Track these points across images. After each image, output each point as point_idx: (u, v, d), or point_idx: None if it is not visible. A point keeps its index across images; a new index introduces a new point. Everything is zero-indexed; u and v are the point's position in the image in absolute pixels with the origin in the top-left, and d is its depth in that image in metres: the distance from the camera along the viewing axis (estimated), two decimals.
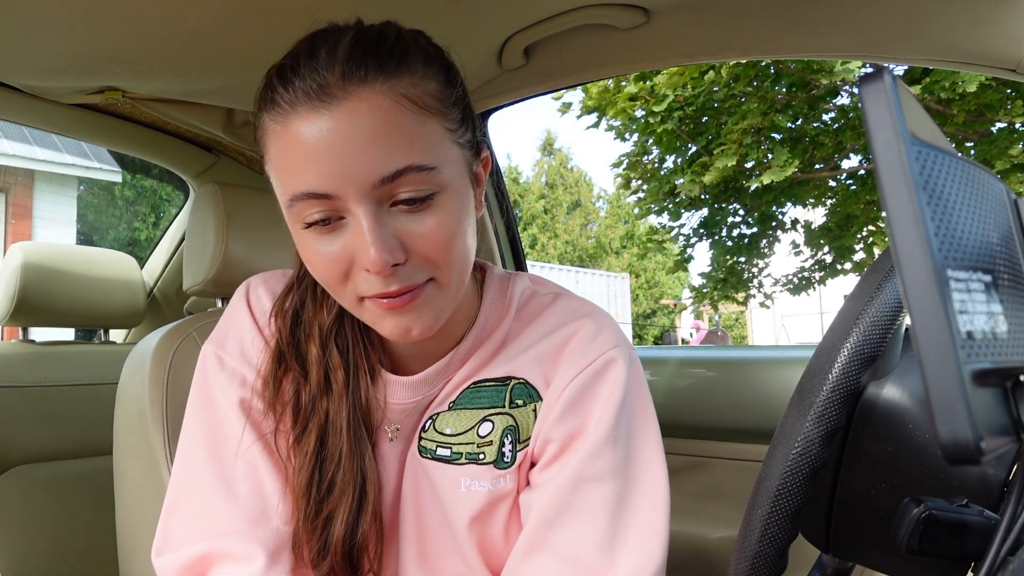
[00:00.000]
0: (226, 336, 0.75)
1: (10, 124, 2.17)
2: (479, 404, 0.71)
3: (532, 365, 0.72)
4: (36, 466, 1.43)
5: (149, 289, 1.80)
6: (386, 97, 0.58)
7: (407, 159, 0.58)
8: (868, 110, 0.29)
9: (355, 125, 0.57)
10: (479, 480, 0.69)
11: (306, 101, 0.57)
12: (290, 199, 0.60)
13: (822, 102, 6.53)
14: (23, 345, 1.50)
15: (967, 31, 0.90)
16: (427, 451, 0.72)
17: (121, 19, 0.92)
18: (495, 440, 0.70)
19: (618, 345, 0.70)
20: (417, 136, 0.59)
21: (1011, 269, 0.35)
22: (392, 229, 0.59)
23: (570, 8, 0.99)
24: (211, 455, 0.69)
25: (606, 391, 0.68)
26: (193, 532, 0.68)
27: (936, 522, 0.44)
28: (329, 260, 0.61)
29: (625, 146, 7.56)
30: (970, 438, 0.26)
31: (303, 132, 0.58)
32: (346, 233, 0.60)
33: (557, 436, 0.68)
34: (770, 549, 0.52)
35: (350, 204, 0.58)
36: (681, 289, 20.06)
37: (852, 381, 0.50)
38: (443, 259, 0.62)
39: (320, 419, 0.69)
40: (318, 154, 0.57)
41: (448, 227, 0.61)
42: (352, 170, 0.57)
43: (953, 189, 0.31)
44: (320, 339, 0.72)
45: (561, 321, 0.73)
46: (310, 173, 0.58)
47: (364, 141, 0.57)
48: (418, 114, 0.60)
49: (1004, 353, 0.31)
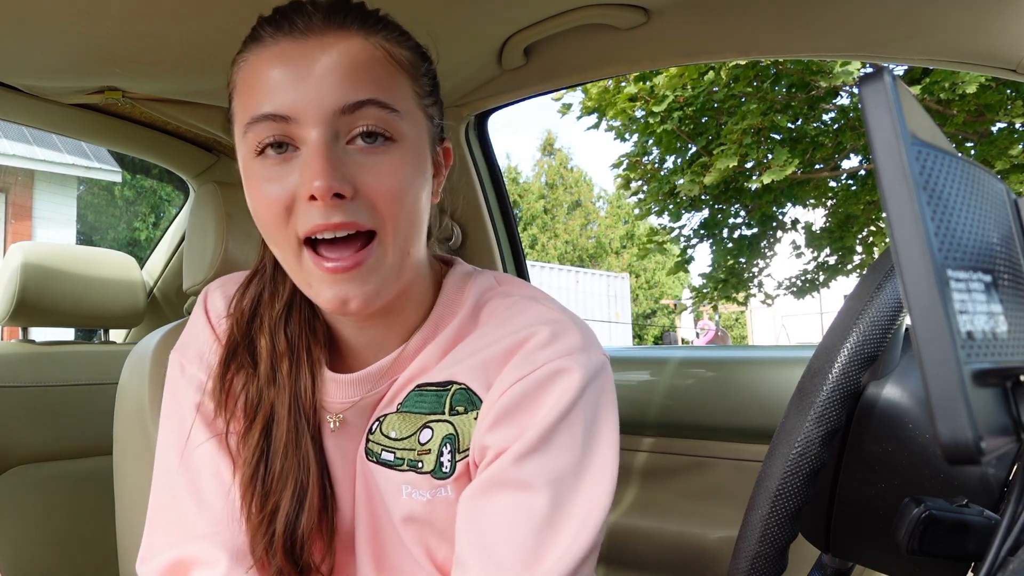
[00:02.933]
0: (186, 342, 0.76)
1: (10, 124, 2.16)
2: (421, 409, 0.68)
3: (475, 371, 0.67)
4: (36, 466, 1.43)
5: (149, 289, 1.80)
6: (363, 42, 0.61)
7: (371, 93, 0.60)
8: (868, 110, 0.29)
9: (326, 55, 0.59)
10: (419, 489, 0.67)
11: (287, 36, 0.60)
12: (247, 123, 0.60)
13: (822, 102, 6.53)
14: (23, 345, 1.50)
15: (967, 31, 0.90)
16: (373, 454, 0.69)
17: (121, 19, 0.92)
18: (433, 449, 0.67)
19: (571, 354, 0.63)
20: (384, 79, 0.61)
21: (1011, 269, 0.35)
22: (344, 163, 0.59)
23: (570, 8, 0.99)
24: (181, 460, 0.70)
25: (549, 400, 0.62)
26: (169, 538, 0.68)
27: (936, 522, 0.44)
28: (275, 189, 0.60)
29: (625, 146, 7.57)
30: (970, 438, 0.26)
31: (275, 60, 0.60)
32: (296, 166, 0.60)
33: (492, 443, 0.63)
34: (770, 549, 0.52)
35: (307, 130, 0.59)
36: (681, 289, 20.06)
37: (852, 381, 0.50)
38: (389, 210, 0.60)
39: (266, 410, 0.69)
40: (284, 78, 0.59)
41: (400, 177, 0.61)
42: (315, 93, 0.58)
43: (953, 189, 0.31)
44: (269, 329, 0.71)
45: (517, 327, 0.67)
46: (274, 95, 0.59)
47: (332, 69, 0.59)
48: (390, 64, 0.62)
49: (1004, 353, 0.31)
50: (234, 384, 0.70)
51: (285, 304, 0.72)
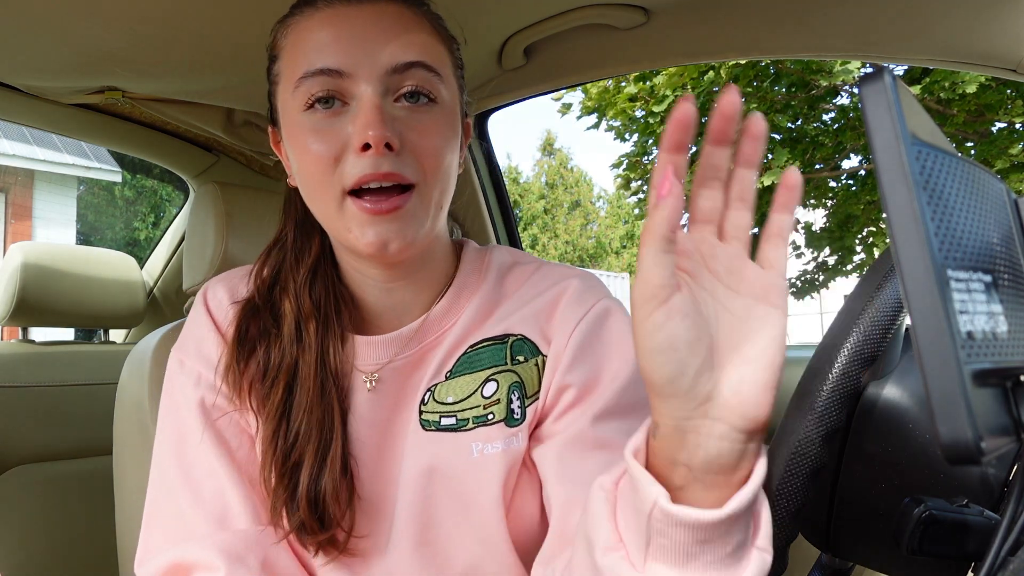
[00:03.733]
0: (186, 339, 0.75)
1: (10, 124, 2.17)
2: (480, 366, 0.70)
3: (527, 322, 0.72)
4: (36, 466, 1.43)
5: (149, 289, 1.80)
6: (410, 10, 0.66)
7: (420, 55, 0.64)
8: (868, 110, 0.29)
9: (380, 19, 0.64)
10: (491, 442, 0.68)
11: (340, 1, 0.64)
12: (300, 77, 0.63)
13: (822, 102, 6.53)
14: (23, 345, 1.50)
15: (967, 31, 0.90)
16: (431, 423, 0.70)
17: (121, 19, 0.92)
18: (502, 398, 0.69)
19: (610, 297, 0.73)
20: (430, 44, 0.67)
21: (1011, 269, 0.35)
22: (392, 114, 0.63)
23: (570, 8, 0.99)
24: (178, 459, 0.70)
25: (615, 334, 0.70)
26: (166, 538, 0.68)
27: (936, 522, 0.44)
28: (324, 140, 0.63)
29: (625, 146, 7.56)
30: (970, 438, 0.26)
31: (329, 22, 0.64)
32: (345, 119, 0.63)
33: (575, 381, 0.68)
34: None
35: (360, 86, 0.63)
36: None
37: (852, 381, 0.50)
38: (430, 164, 0.64)
39: (288, 367, 0.69)
40: (339, 37, 0.63)
41: (440, 135, 0.65)
42: (369, 51, 0.63)
43: (953, 189, 0.31)
44: (294, 291, 0.72)
45: (548, 284, 0.74)
46: (328, 51, 0.63)
47: (386, 31, 0.64)
48: (434, 34, 0.68)
49: (1004, 353, 0.31)
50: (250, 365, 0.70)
51: (310, 268, 0.73)
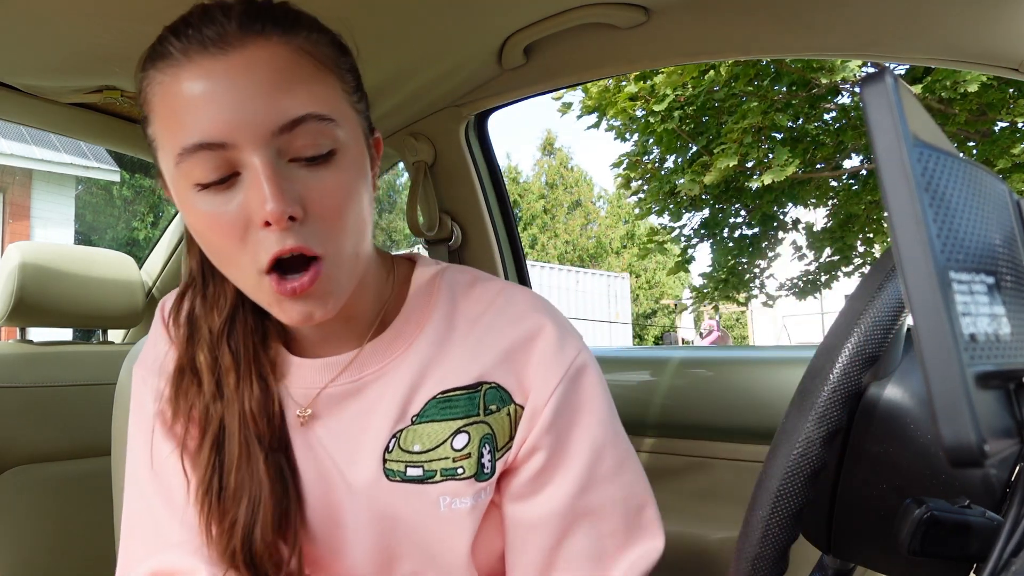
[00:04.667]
0: (146, 355, 0.74)
1: (8, 123, 2.16)
2: (451, 415, 0.67)
3: (501, 368, 0.67)
4: (35, 466, 1.42)
5: (148, 289, 1.79)
6: (284, 48, 0.57)
7: (306, 107, 0.57)
8: (870, 111, 0.29)
9: (253, 72, 0.55)
10: (460, 497, 0.65)
11: (201, 50, 0.55)
12: (179, 153, 0.56)
13: (823, 101, 6.53)
14: (21, 345, 1.50)
15: (969, 30, 0.90)
16: (395, 473, 0.66)
17: (120, 18, 0.91)
18: (473, 452, 0.66)
19: (584, 348, 0.70)
20: (316, 87, 0.58)
21: (1014, 271, 0.35)
22: (290, 182, 0.56)
23: (570, 7, 0.99)
24: (149, 470, 0.69)
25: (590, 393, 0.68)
26: (146, 547, 0.68)
27: (938, 523, 0.44)
28: (226, 222, 0.57)
29: (625, 146, 7.56)
30: (973, 441, 0.26)
31: (197, 81, 0.55)
32: (241, 190, 0.56)
33: (547, 445, 0.66)
34: (771, 550, 0.52)
35: (246, 155, 0.55)
36: (681, 289, 20.06)
37: (853, 381, 0.50)
38: (340, 223, 0.59)
39: (215, 427, 0.66)
40: (213, 101, 0.55)
41: (346, 188, 0.59)
42: (250, 116, 0.55)
43: (955, 190, 0.31)
44: (209, 343, 0.68)
45: (517, 317, 0.69)
46: (203, 121, 0.55)
47: (262, 87, 0.55)
48: (316, 67, 0.59)
49: (1007, 355, 0.31)
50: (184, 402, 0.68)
51: (227, 316, 0.68)
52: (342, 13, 0.96)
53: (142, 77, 0.60)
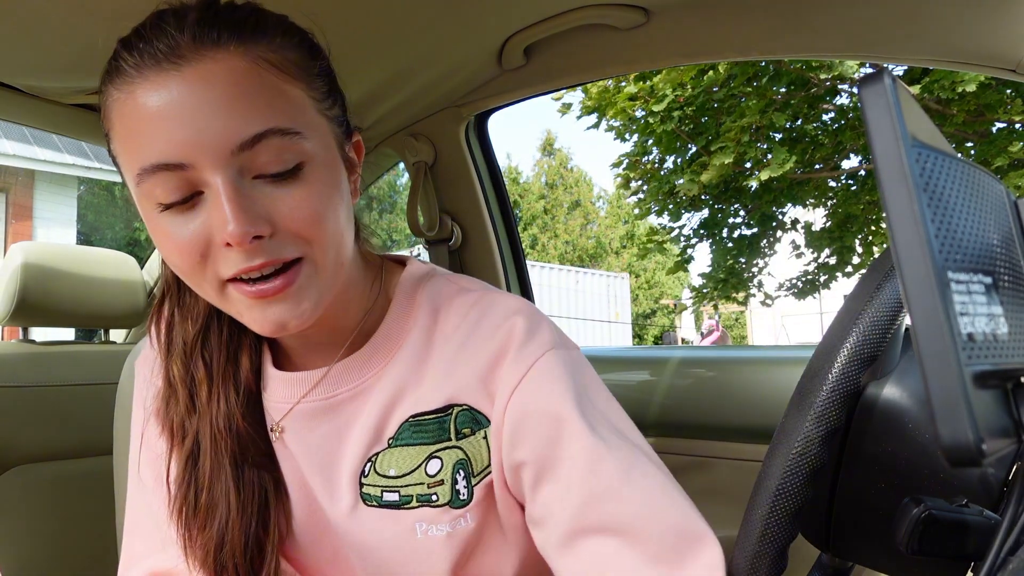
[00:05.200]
0: (146, 351, 0.74)
1: (10, 124, 2.16)
2: (423, 439, 0.63)
3: (472, 387, 0.63)
4: (36, 466, 1.43)
5: (149, 289, 1.79)
6: (242, 59, 0.54)
7: (267, 122, 0.53)
8: (868, 112, 0.29)
9: (209, 87, 0.52)
10: (436, 524, 0.63)
11: (154, 65, 0.53)
12: (138, 174, 0.54)
13: (821, 102, 6.53)
14: (23, 345, 1.50)
15: (967, 31, 0.90)
16: (372, 498, 0.64)
17: (122, 19, 0.91)
18: (446, 479, 0.63)
19: (554, 346, 0.63)
20: (278, 99, 0.55)
21: (1011, 271, 0.35)
22: (254, 200, 0.54)
23: (570, 8, 0.99)
24: (150, 468, 0.69)
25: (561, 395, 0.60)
26: (147, 545, 0.68)
27: (936, 522, 0.44)
28: (185, 241, 0.54)
29: (625, 146, 7.56)
30: (971, 440, 0.26)
31: (151, 98, 0.53)
32: (204, 210, 0.54)
33: (528, 458, 0.61)
34: (770, 549, 0.52)
35: (206, 174, 0.53)
36: (681, 289, 20.06)
37: (852, 381, 0.50)
38: (314, 234, 0.56)
39: (190, 441, 0.65)
40: (168, 119, 0.52)
41: (316, 201, 0.56)
42: (207, 134, 0.52)
43: (953, 191, 0.31)
44: (183, 355, 0.66)
45: (491, 328, 0.64)
46: (160, 140, 0.52)
47: (219, 103, 0.52)
48: (279, 77, 0.56)
49: (1005, 355, 0.31)
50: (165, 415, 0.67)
51: (200, 327, 0.66)
52: (342, 14, 0.96)
53: (102, 93, 0.58)
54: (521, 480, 0.62)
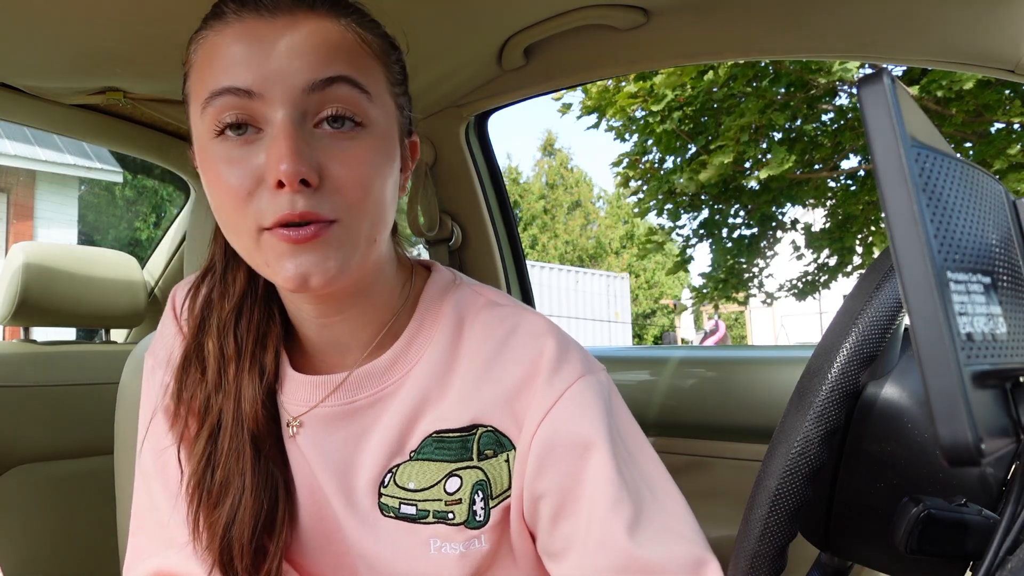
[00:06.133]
0: (156, 345, 0.73)
1: (11, 124, 2.17)
2: (445, 456, 0.63)
3: (499, 408, 0.62)
4: (36, 466, 1.43)
5: (150, 289, 1.80)
6: (333, 22, 0.58)
7: (342, 69, 0.56)
8: (867, 112, 0.29)
9: (296, 33, 0.56)
10: (450, 542, 0.62)
11: (253, 14, 0.56)
12: (208, 96, 0.56)
13: (820, 102, 6.53)
14: (24, 345, 1.50)
15: (966, 31, 0.90)
16: (389, 509, 0.64)
17: (122, 19, 0.92)
18: (464, 498, 0.62)
19: (584, 375, 0.62)
20: (357, 59, 0.58)
21: (1010, 271, 0.35)
22: (311, 146, 0.55)
23: (570, 8, 0.99)
24: (157, 465, 0.69)
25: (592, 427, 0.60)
26: (152, 544, 0.67)
27: (935, 521, 0.45)
28: (236, 173, 0.55)
29: (625, 146, 7.56)
30: (970, 440, 0.27)
31: (240, 36, 0.56)
32: (260, 147, 0.55)
33: (549, 489, 0.60)
34: (769, 548, 0.52)
35: (271, 109, 0.55)
36: (681, 289, 20.06)
37: (851, 381, 0.50)
38: (356, 197, 0.57)
39: (213, 418, 0.65)
40: (249, 52, 0.55)
41: (368, 164, 0.57)
42: (283, 69, 0.55)
43: (952, 191, 0.31)
44: (218, 331, 0.67)
45: (520, 349, 0.63)
46: (236, 68, 0.55)
47: (301, 46, 0.55)
48: (361, 47, 0.59)
49: (1004, 355, 0.31)
50: (187, 391, 0.67)
51: (235, 305, 0.67)
52: None
53: (192, 39, 0.61)
54: (538, 511, 0.62)
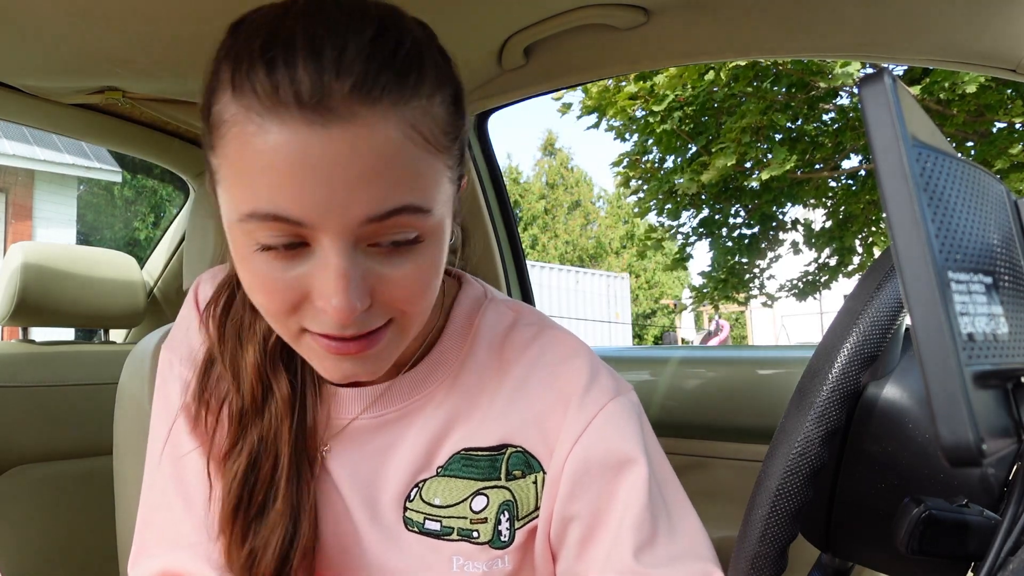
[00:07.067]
0: (176, 338, 0.71)
1: (10, 124, 2.17)
2: (473, 474, 0.62)
3: (528, 429, 0.62)
4: (36, 466, 1.43)
5: (149, 289, 1.80)
6: (395, 128, 0.48)
7: (404, 199, 0.49)
8: (868, 112, 0.29)
9: (355, 155, 0.47)
10: (473, 560, 0.61)
11: (298, 108, 0.46)
12: (247, 215, 0.49)
13: (821, 102, 6.53)
14: (23, 345, 1.50)
15: (967, 31, 0.90)
16: (414, 524, 0.63)
17: (121, 19, 0.92)
18: (490, 517, 0.62)
19: (615, 397, 0.62)
20: (420, 177, 0.50)
21: (1011, 271, 0.35)
22: (363, 271, 0.50)
23: (570, 8, 0.99)
24: (171, 463, 0.67)
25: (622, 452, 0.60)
26: (160, 541, 0.66)
27: (936, 522, 0.44)
28: (279, 289, 0.51)
29: (625, 146, 7.57)
30: (972, 440, 0.26)
31: (286, 145, 0.46)
32: (307, 263, 0.50)
33: (581, 512, 0.60)
34: (770, 549, 0.52)
35: (324, 236, 0.49)
36: (681, 289, 20.06)
37: (852, 381, 0.50)
38: (411, 307, 0.54)
39: (254, 437, 0.61)
40: (301, 176, 0.46)
41: (425, 275, 0.53)
42: (338, 202, 0.47)
43: (954, 191, 0.31)
44: (261, 343, 0.62)
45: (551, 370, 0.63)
46: (286, 195, 0.47)
47: (361, 175, 0.47)
48: (426, 150, 0.50)
49: (1005, 355, 0.31)
50: (214, 397, 0.64)
51: None
52: None
53: (214, 86, 0.51)
54: (566, 533, 0.61)
